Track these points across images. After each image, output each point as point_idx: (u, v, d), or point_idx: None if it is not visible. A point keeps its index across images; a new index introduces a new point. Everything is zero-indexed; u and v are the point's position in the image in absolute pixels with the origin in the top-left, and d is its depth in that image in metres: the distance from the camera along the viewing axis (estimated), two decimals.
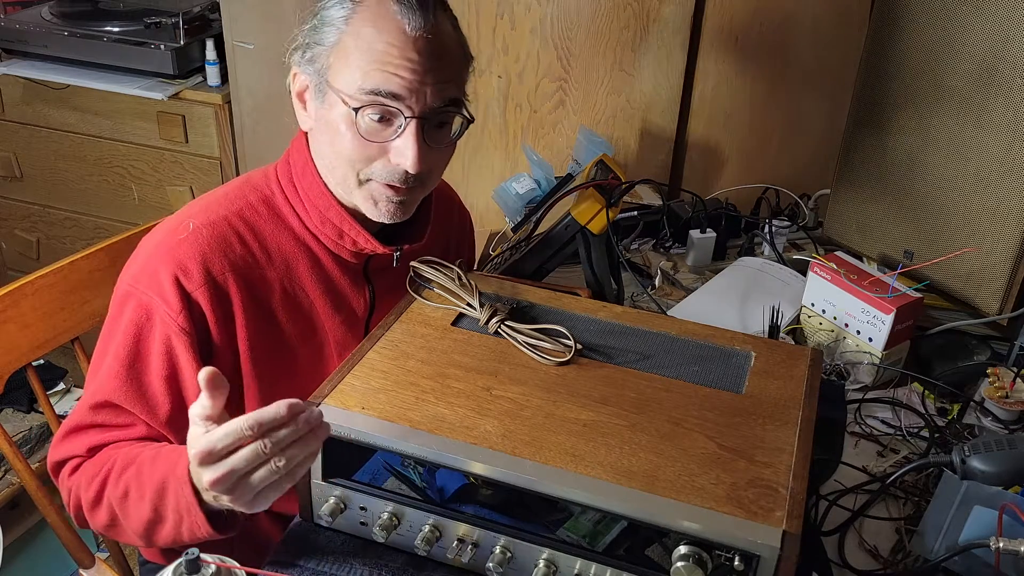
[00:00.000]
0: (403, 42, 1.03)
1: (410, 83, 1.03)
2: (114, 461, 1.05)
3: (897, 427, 1.35)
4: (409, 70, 1.03)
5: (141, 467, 1.01)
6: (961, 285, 1.53)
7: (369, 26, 1.04)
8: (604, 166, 1.49)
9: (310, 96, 1.11)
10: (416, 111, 1.05)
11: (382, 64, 1.03)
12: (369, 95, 1.04)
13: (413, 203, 1.14)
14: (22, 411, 2.07)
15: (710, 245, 1.78)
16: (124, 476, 1.02)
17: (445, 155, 1.14)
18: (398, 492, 0.98)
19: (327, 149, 1.11)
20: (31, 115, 2.47)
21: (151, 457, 1.01)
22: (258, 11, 2.20)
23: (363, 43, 1.04)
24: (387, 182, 1.09)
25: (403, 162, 1.06)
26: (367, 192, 1.11)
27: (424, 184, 1.13)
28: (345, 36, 1.05)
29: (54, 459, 1.13)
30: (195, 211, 1.14)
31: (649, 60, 2.02)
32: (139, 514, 1.00)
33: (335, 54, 1.06)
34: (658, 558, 0.90)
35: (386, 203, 1.11)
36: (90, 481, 1.06)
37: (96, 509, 1.06)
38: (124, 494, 1.02)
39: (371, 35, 1.03)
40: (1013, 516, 0.96)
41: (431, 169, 1.11)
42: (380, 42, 1.03)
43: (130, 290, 1.09)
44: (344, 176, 1.11)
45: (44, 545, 2.08)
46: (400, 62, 1.03)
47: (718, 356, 1.12)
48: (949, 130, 1.49)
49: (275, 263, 1.15)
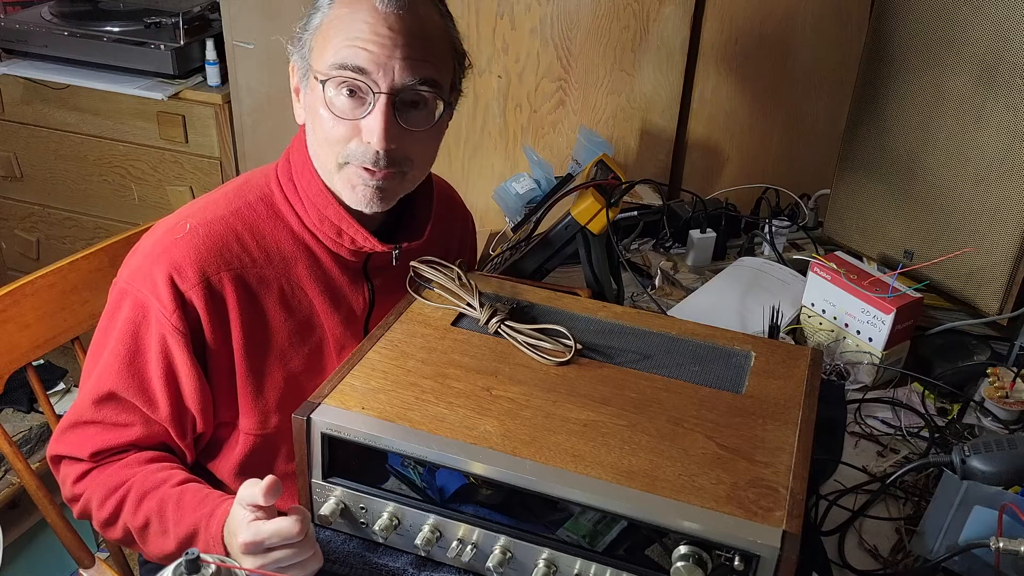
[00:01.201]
0: (374, 18, 1.04)
1: (377, 56, 1.04)
2: (129, 487, 1.09)
3: (897, 427, 1.35)
4: (377, 44, 1.04)
5: (164, 505, 1.06)
6: (961, 285, 1.53)
7: (347, 7, 1.06)
8: (604, 166, 1.49)
9: (301, 86, 1.13)
10: (383, 87, 1.05)
11: (351, 39, 1.05)
12: (337, 69, 1.05)
13: (392, 192, 1.12)
14: (22, 411, 2.07)
15: (710, 245, 1.78)
16: (143, 507, 1.07)
17: (426, 141, 1.12)
18: (398, 492, 0.98)
19: (311, 136, 1.12)
20: (31, 115, 2.47)
21: (175, 498, 1.06)
22: (258, 11, 2.21)
23: (339, 22, 1.06)
24: (362, 164, 1.08)
25: (371, 139, 1.06)
26: (345, 177, 1.10)
27: (403, 170, 1.11)
28: (325, 19, 1.08)
29: (54, 452, 1.16)
30: (193, 211, 1.14)
31: (649, 60, 2.02)
32: (161, 546, 1.07)
33: (316, 36, 1.08)
34: (658, 558, 0.90)
35: (363, 187, 1.10)
36: (102, 501, 1.10)
37: (110, 528, 1.11)
38: (144, 525, 1.07)
39: (346, 14, 1.06)
40: (1013, 516, 0.96)
41: (409, 155, 1.10)
42: (354, 20, 1.05)
43: (126, 288, 1.10)
44: (325, 160, 1.11)
45: (44, 545, 2.08)
46: (369, 36, 1.04)
47: (718, 356, 1.12)
48: (949, 130, 1.49)
49: (273, 262, 1.15)
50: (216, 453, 1.20)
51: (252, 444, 1.17)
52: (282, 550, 0.92)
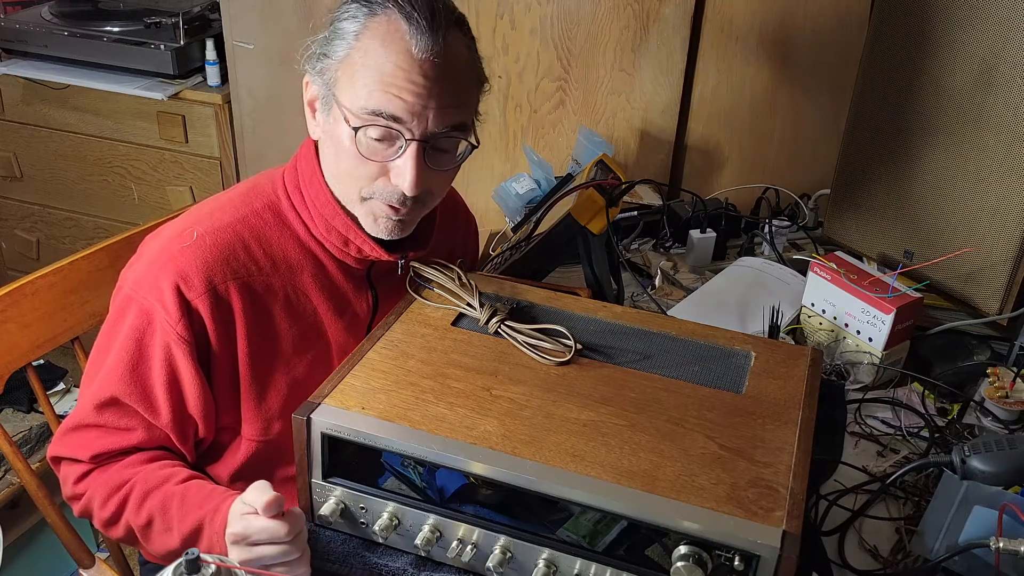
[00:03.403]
0: (409, 64, 1.02)
1: (412, 106, 1.03)
2: (132, 486, 1.09)
3: (897, 427, 1.35)
4: (413, 93, 1.02)
5: (168, 503, 1.06)
6: (961, 285, 1.53)
7: (378, 44, 1.03)
8: (604, 166, 1.49)
9: (319, 107, 1.11)
10: (417, 134, 1.04)
11: (386, 85, 1.02)
12: (371, 115, 1.03)
13: (413, 222, 1.14)
14: (22, 411, 2.07)
15: (710, 245, 1.78)
16: (146, 505, 1.07)
17: (447, 177, 1.14)
18: (398, 492, 0.98)
19: (332, 162, 1.11)
20: (31, 115, 2.47)
21: (179, 495, 1.06)
22: (258, 11, 2.20)
23: (370, 61, 1.03)
24: (387, 202, 1.09)
25: (401, 183, 1.06)
26: (368, 208, 1.11)
27: (425, 204, 1.13)
28: (354, 51, 1.04)
29: (55, 454, 1.16)
30: (200, 216, 1.14)
31: (649, 60, 2.02)
32: (164, 543, 1.07)
33: (343, 68, 1.05)
34: (658, 558, 0.90)
35: (385, 220, 1.11)
36: (104, 501, 1.10)
37: (113, 527, 1.12)
38: (147, 523, 1.07)
39: (379, 53, 1.03)
40: (1013, 516, 0.96)
41: (431, 190, 1.11)
42: (387, 62, 1.02)
43: (131, 294, 1.10)
44: (347, 191, 1.11)
45: (44, 545, 2.08)
46: (404, 84, 1.02)
47: (718, 356, 1.12)
48: (949, 130, 1.49)
49: (279, 270, 1.15)
50: (217, 458, 1.20)
51: (254, 450, 1.17)
52: (267, 547, 0.93)
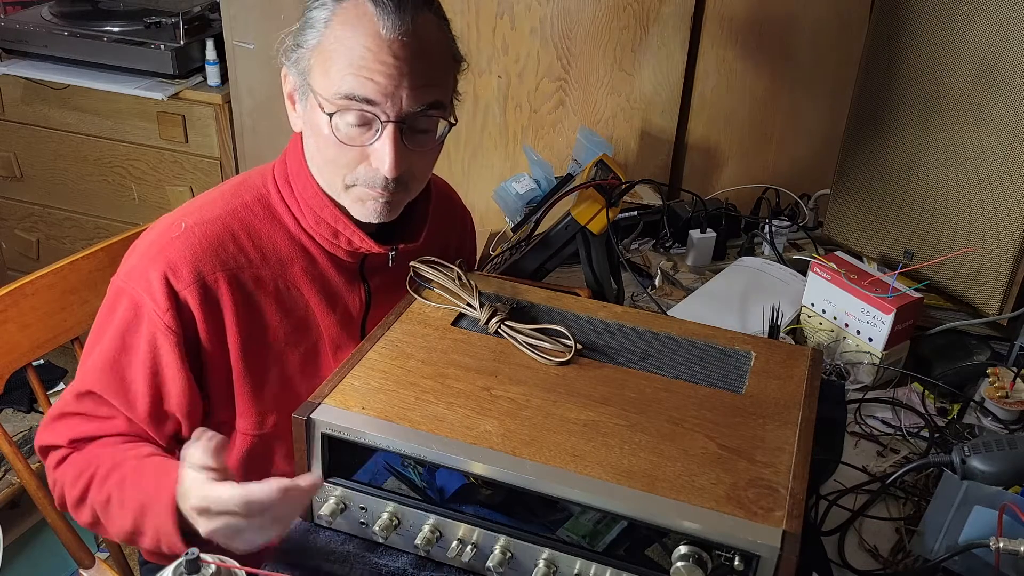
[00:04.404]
0: (378, 45, 1.02)
1: (384, 87, 1.02)
2: (98, 464, 1.08)
3: (897, 427, 1.35)
4: (383, 74, 1.02)
5: (124, 478, 1.05)
6: (961, 285, 1.53)
7: (347, 29, 1.03)
8: (604, 166, 1.49)
9: (297, 97, 1.11)
10: (392, 115, 1.04)
11: (356, 68, 1.02)
12: (344, 100, 1.03)
13: (399, 203, 1.14)
14: (22, 411, 2.08)
15: (710, 245, 1.78)
16: (108, 483, 1.06)
17: (429, 157, 1.13)
18: (398, 492, 0.98)
19: (314, 152, 1.12)
20: (31, 115, 2.47)
21: (135, 470, 1.05)
22: (258, 11, 2.20)
23: (339, 46, 1.03)
24: (370, 187, 1.09)
25: (381, 166, 1.06)
26: (354, 195, 1.11)
27: (408, 187, 1.12)
28: (324, 38, 1.05)
29: (40, 443, 1.16)
30: (191, 210, 1.14)
31: (649, 60, 2.02)
32: (121, 523, 1.05)
33: (315, 56, 1.06)
34: (658, 558, 0.90)
35: (373, 203, 1.11)
36: (75, 480, 1.09)
37: (80, 508, 1.10)
38: (107, 500, 1.06)
39: (348, 38, 1.03)
40: (1013, 516, 0.96)
41: (414, 172, 1.11)
42: (356, 45, 1.02)
43: (123, 286, 1.11)
44: (331, 180, 1.11)
45: (44, 545, 2.08)
46: (374, 65, 1.02)
47: (718, 356, 1.12)
48: (949, 130, 1.49)
49: (269, 262, 1.15)
50: None
51: (249, 444, 1.17)
52: (230, 516, 0.91)
